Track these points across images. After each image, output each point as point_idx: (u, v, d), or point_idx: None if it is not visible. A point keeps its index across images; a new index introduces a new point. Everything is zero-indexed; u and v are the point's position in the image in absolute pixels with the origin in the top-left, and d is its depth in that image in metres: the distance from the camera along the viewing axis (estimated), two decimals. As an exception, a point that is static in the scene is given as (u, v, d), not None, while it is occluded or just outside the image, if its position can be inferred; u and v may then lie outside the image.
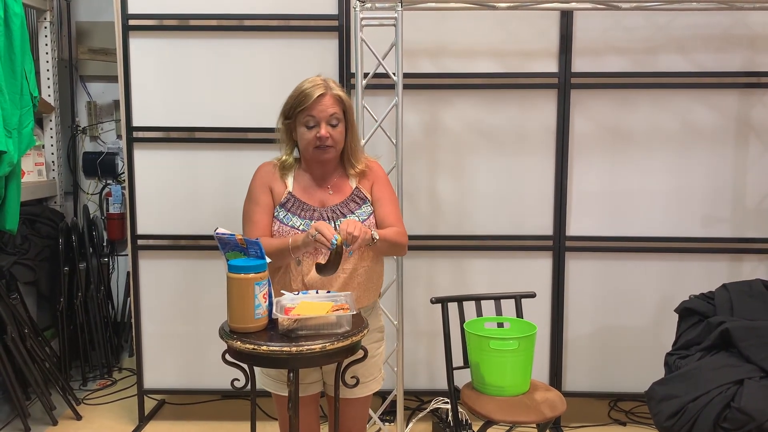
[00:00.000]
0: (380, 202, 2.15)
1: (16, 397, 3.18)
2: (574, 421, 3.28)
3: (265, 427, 3.11)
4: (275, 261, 2.00)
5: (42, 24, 3.86)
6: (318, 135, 2.04)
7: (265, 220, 2.10)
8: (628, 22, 3.06)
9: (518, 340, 2.41)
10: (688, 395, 2.30)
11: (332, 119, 2.05)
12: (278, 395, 2.12)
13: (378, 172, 2.20)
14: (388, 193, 2.18)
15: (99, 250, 4.02)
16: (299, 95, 2.06)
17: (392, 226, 2.12)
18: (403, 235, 2.14)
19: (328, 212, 2.09)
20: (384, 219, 2.13)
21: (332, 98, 2.06)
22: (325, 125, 2.04)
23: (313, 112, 2.04)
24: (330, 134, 2.05)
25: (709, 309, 2.62)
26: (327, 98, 2.05)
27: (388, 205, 2.16)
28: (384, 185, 2.19)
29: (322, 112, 2.04)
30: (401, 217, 2.20)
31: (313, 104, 2.03)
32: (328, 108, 2.04)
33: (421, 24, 3.05)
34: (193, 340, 3.25)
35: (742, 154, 3.13)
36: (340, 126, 2.08)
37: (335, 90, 2.08)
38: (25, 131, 2.98)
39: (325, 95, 2.05)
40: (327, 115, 2.04)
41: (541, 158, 3.14)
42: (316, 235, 1.89)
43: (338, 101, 2.07)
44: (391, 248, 2.12)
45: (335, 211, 2.09)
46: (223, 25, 3.09)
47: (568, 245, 3.17)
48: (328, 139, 2.04)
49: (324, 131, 2.04)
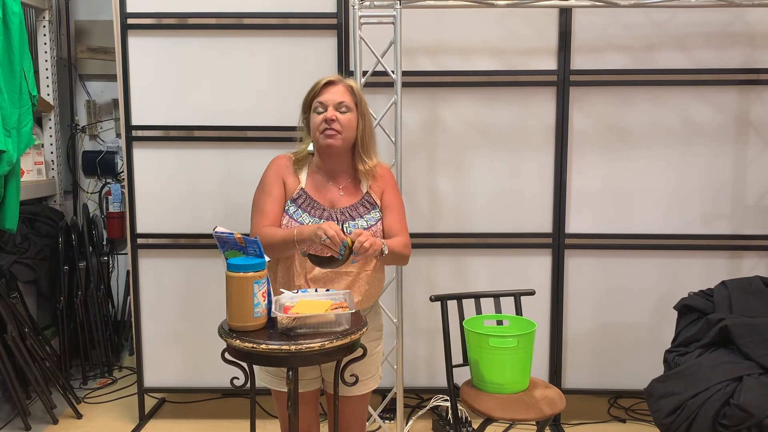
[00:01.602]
0: (389, 209, 2.16)
1: (16, 395, 3.19)
2: (573, 418, 3.28)
3: (265, 425, 3.12)
4: (279, 252, 2.01)
5: (41, 23, 3.85)
6: (325, 117, 2.05)
7: (276, 210, 2.10)
8: (627, 19, 3.06)
9: (517, 337, 2.42)
10: (687, 392, 2.30)
11: (341, 106, 2.07)
12: (277, 391, 2.12)
13: (389, 179, 2.21)
14: (397, 200, 2.19)
15: (99, 248, 4.02)
16: (313, 85, 2.12)
17: (398, 235, 2.13)
18: (408, 247, 2.16)
19: (337, 213, 2.09)
20: (391, 227, 2.14)
21: (343, 87, 2.10)
22: (333, 109, 2.06)
23: (322, 97, 2.07)
24: (337, 117, 2.05)
25: (708, 306, 2.62)
26: (338, 86, 2.09)
27: (396, 214, 2.17)
28: (394, 192, 2.20)
29: (331, 97, 2.07)
30: (407, 226, 2.21)
31: (322, 89, 2.08)
32: (337, 93, 2.07)
33: (419, 22, 3.05)
34: (193, 339, 3.25)
35: (741, 151, 3.13)
36: (349, 114, 2.08)
37: (347, 81, 2.12)
38: (25, 130, 2.98)
39: (336, 83, 2.09)
40: (335, 101, 2.06)
41: (541, 156, 3.14)
42: (325, 240, 1.89)
43: (350, 91, 2.10)
44: (395, 260, 2.14)
45: (344, 213, 2.10)
46: (222, 23, 3.09)
47: (567, 243, 3.17)
48: (334, 122, 2.05)
49: (331, 113, 2.05)
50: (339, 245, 1.86)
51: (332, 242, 1.87)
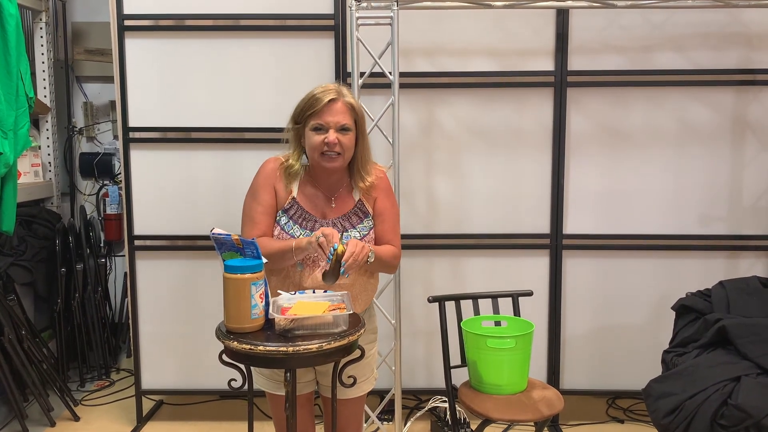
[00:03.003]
0: (381, 217, 2.13)
1: (13, 398, 3.17)
2: (572, 419, 3.28)
3: (263, 426, 3.11)
4: (276, 263, 1.99)
5: (37, 25, 3.85)
6: (326, 140, 1.98)
7: (267, 221, 2.06)
8: (624, 20, 3.06)
9: (515, 338, 2.41)
10: (685, 392, 2.30)
11: (342, 127, 2.00)
12: (272, 394, 2.12)
13: (383, 184, 2.15)
14: (390, 207, 2.15)
15: (96, 250, 4.02)
16: (310, 99, 2.01)
17: (389, 243, 2.11)
18: (397, 258, 2.14)
19: (329, 225, 2.07)
20: (382, 235, 2.12)
21: (344, 105, 2.01)
22: (334, 131, 1.99)
23: (323, 117, 1.98)
24: (339, 140, 1.99)
25: (706, 306, 2.62)
26: (338, 104, 1.99)
27: (388, 222, 2.13)
28: (388, 198, 2.15)
29: (332, 118, 1.99)
30: (399, 233, 2.18)
31: (323, 109, 1.98)
32: (338, 114, 1.99)
33: (417, 23, 3.05)
34: (190, 341, 3.24)
35: (738, 152, 3.14)
36: (350, 134, 2.02)
37: (348, 98, 2.03)
38: (21, 132, 2.98)
39: (337, 101, 1.99)
40: (336, 121, 1.99)
41: (538, 157, 3.14)
42: (320, 238, 1.87)
43: (350, 109, 2.02)
44: (382, 268, 2.12)
45: (336, 225, 2.07)
46: (219, 25, 3.09)
47: (565, 243, 3.17)
48: (336, 146, 1.99)
49: (333, 137, 1.98)
50: (332, 245, 1.86)
51: (327, 241, 1.86)
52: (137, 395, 3.30)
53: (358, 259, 1.88)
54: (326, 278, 1.91)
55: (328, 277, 1.90)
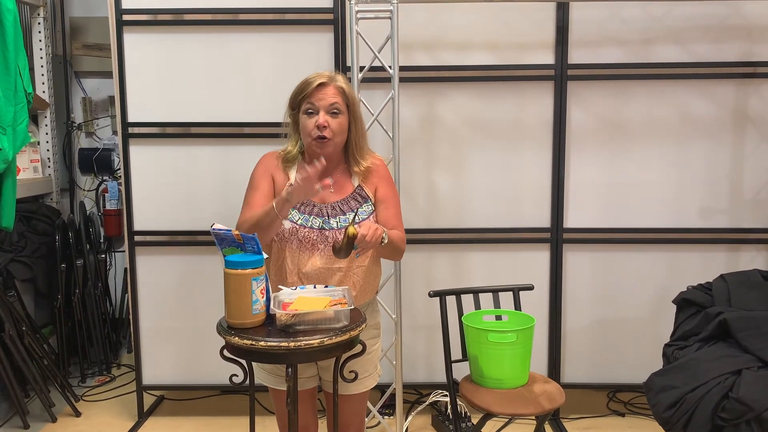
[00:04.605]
0: (384, 203, 2.14)
1: (14, 394, 3.18)
2: (573, 412, 3.29)
3: (264, 421, 3.11)
4: (265, 231, 1.98)
5: (35, 20, 3.84)
6: (316, 122, 2.02)
7: (264, 203, 2.07)
8: (625, 13, 3.05)
9: (516, 332, 2.41)
10: (686, 386, 2.31)
11: (332, 108, 2.03)
12: (274, 389, 2.12)
13: (383, 172, 2.18)
14: (392, 194, 2.17)
15: (96, 246, 4.01)
16: (302, 83, 2.07)
17: (394, 228, 2.11)
18: (404, 242, 2.15)
19: (328, 209, 2.08)
20: (387, 221, 2.12)
21: (335, 89, 2.05)
22: (324, 113, 2.03)
23: (313, 99, 2.03)
24: (328, 123, 2.02)
25: (706, 300, 2.62)
26: (329, 88, 2.04)
27: (391, 208, 2.15)
28: (389, 186, 2.17)
29: (322, 100, 2.03)
30: (402, 221, 2.19)
31: (313, 91, 2.04)
32: (329, 97, 2.03)
33: (416, 17, 3.04)
34: (191, 336, 3.25)
35: (739, 145, 3.13)
36: (341, 117, 2.05)
37: (339, 82, 2.07)
38: (20, 128, 2.97)
39: (327, 85, 2.04)
40: (327, 103, 2.03)
41: (538, 150, 3.13)
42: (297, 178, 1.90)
43: (341, 93, 2.06)
44: (392, 253, 2.13)
45: (335, 209, 2.08)
46: (218, 19, 3.07)
47: (565, 237, 3.17)
48: (326, 129, 2.02)
49: (322, 119, 2.02)
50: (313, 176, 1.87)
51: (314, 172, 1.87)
52: (138, 390, 3.31)
53: (374, 238, 1.89)
54: (337, 253, 1.91)
55: (340, 253, 1.90)
